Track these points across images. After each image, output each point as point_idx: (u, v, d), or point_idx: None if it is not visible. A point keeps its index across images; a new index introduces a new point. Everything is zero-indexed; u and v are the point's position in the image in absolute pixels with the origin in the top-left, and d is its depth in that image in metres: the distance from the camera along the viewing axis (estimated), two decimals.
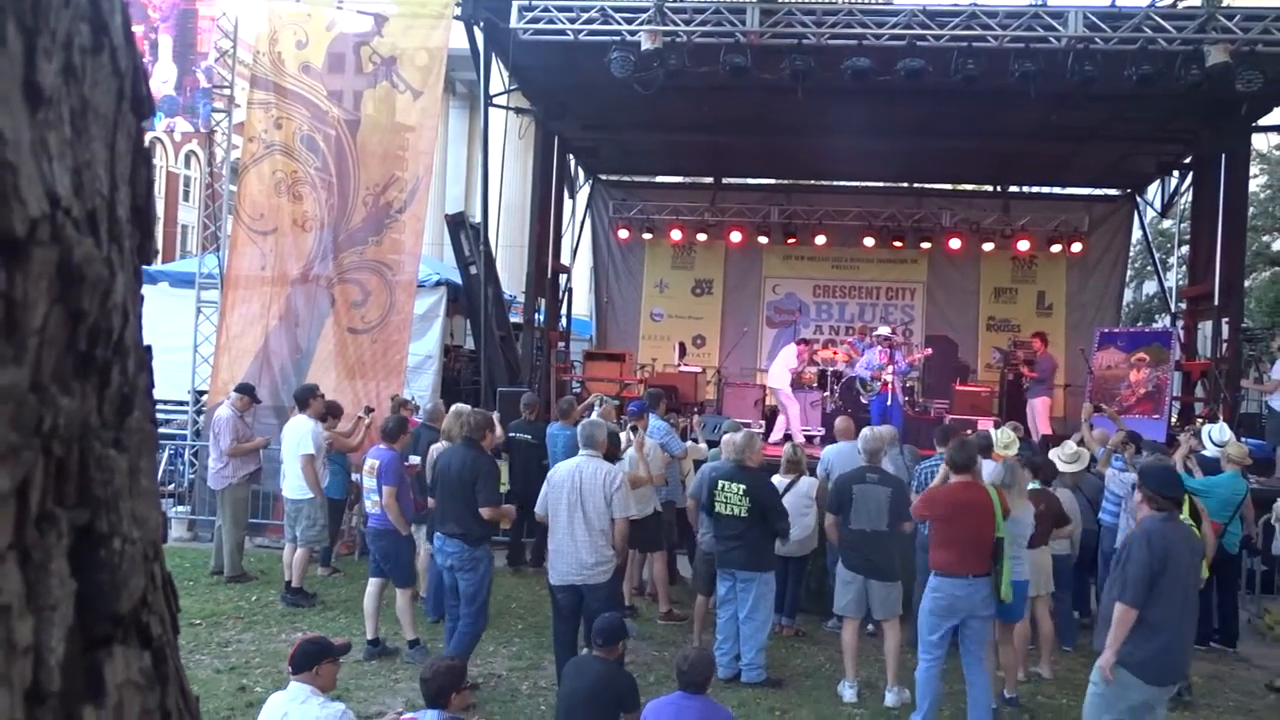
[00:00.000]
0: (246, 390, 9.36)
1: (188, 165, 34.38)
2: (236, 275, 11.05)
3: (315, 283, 10.96)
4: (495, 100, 12.77)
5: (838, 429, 8.41)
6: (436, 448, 7.74)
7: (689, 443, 9.07)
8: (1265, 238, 24.40)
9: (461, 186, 24.51)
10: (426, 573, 7.87)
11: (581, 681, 4.84)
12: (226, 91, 11.63)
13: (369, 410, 9.54)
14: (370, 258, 10.90)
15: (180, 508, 10.80)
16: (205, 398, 11.15)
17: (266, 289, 11.01)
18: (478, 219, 12.63)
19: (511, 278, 17.34)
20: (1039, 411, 12.96)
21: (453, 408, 8.17)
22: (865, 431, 7.00)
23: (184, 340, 11.24)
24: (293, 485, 8.42)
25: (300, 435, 8.41)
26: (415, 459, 7.86)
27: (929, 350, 14.53)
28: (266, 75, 11.15)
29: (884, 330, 13.82)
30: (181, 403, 11.60)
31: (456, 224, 12.78)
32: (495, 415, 7.86)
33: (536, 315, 14.43)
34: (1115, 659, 4.64)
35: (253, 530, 9.92)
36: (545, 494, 6.15)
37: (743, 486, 6.60)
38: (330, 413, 9.13)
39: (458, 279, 13.10)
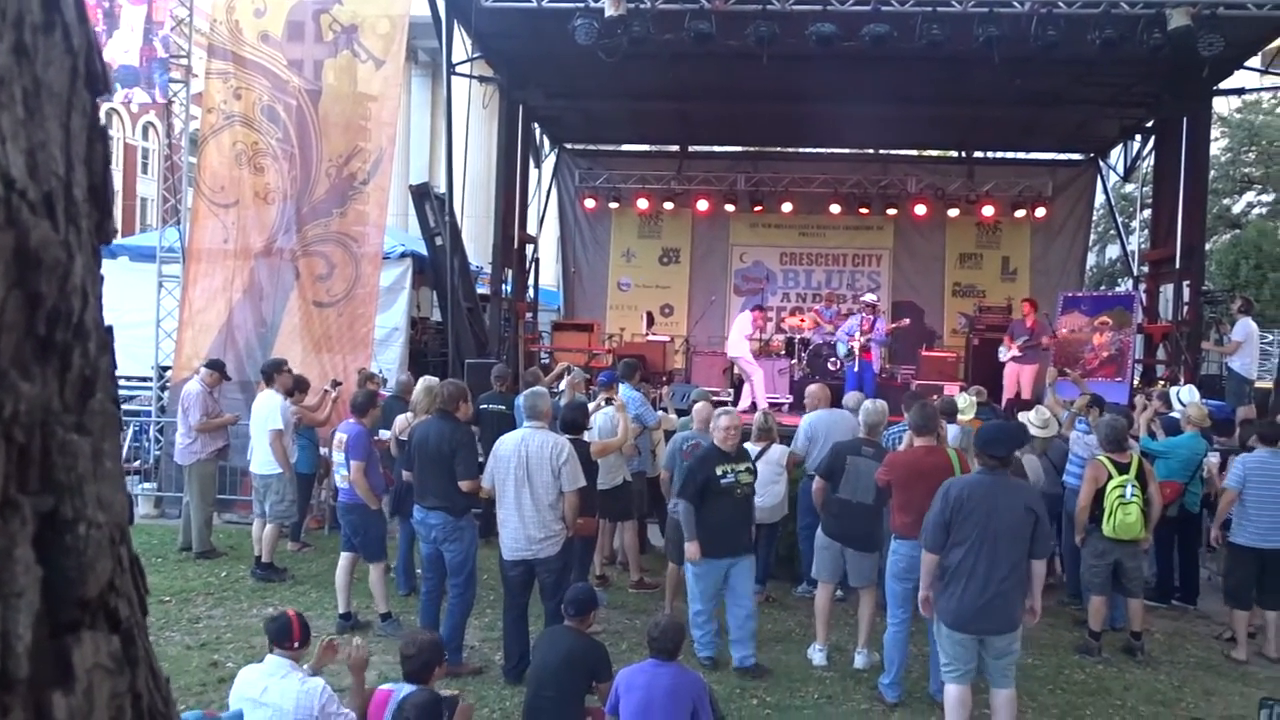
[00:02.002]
0: (216, 366, 9.27)
1: (145, 137, 33.77)
2: (198, 249, 10.90)
3: (279, 256, 10.84)
4: (458, 69, 12.60)
5: (814, 396, 8.40)
6: (401, 420, 7.72)
7: (660, 413, 9.09)
8: (1225, 201, 24.68)
9: (425, 157, 24.29)
10: (397, 547, 7.87)
11: (553, 652, 4.87)
12: (184, 61, 11.41)
13: (336, 384, 9.49)
14: (334, 230, 10.78)
15: (147, 484, 10.71)
16: (169, 373, 11.02)
17: (229, 262, 10.87)
18: (442, 189, 12.53)
19: (477, 248, 17.24)
20: (1025, 378, 12.92)
21: (421, 381, 8.14)
22: (867, 404, 7.02)
23: (146, 315, 11.09)
24: (261, 460, 8.38)
25: (268, 410, 8.36)
26: (385, 433, 7.83)
27: (906, 320, 14.57)
28: (224, 45, 10.95)
29: (870, 298, 13.85)
30: (145, 379, 11.46)
31: (421, 195, 12.66)
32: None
33: (503, 286, 14.36)
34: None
35: (221, 506, 9.87)
36: (491, 467, 6.07)
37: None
38: (297, 387, 9.08)
39: (423, 250, 13.00)
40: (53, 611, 0.58)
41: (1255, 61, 13.13)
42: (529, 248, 16.00)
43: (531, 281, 16.40)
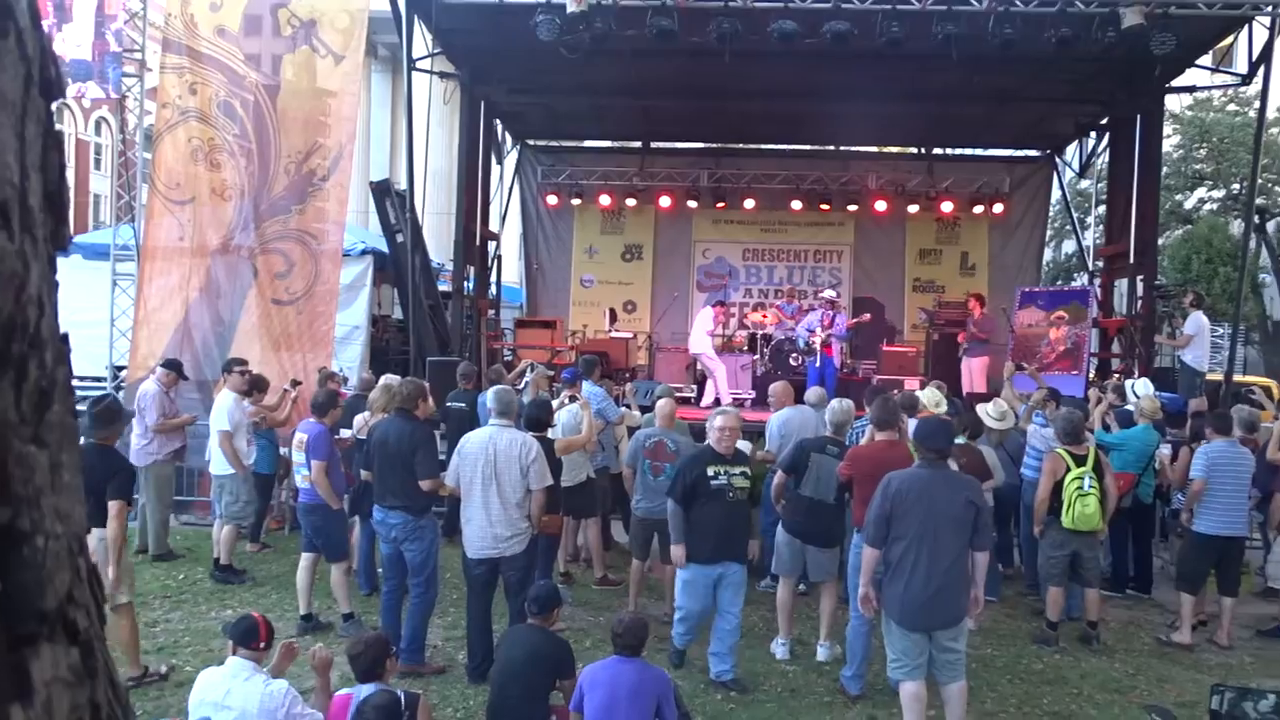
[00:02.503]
0: (174, 366, 9.14)
1: (98, 132, 33.18)
2: (153, 246, 10.74)
3: (237, 253, 10.71)
4: (419, 64, 12.53)
5: (778, 393, 8.42)
6: (360, 419, 7.67)
7: (623, 409, 9.10)
8: (1178, 196, 25.11)
9: (385, 153, 24.11)
10: (357, 547, 7.82)
11: (517, 650, 4.87)
12: (138, 56, 11.24)
13: (296, 383, 9.40)
14: (294, 227, 10.67)
15: None
16: (124, 373, 10.86)
17: (185, 260, 10.73)
18: (403, 186, 12.45)
19: (439, 245, 17.18)
20: (975, 370, 13.20)
21: (381, 380, 8.10)
22: (834, 403, 7.03)
23: (100, 314, 10.92)
24: (217, 461, 8.29)
25: (218, 410, 8.30)
26: (347, 432, 7.77)
27: (866, 316, 14.73)
28: (179, 39, 10.79)
29: (829, 294, 13.99)
30: (99, 379, 11.28)
31: (382, 191, 12.57)
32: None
33: (465, 283, 14.29)
34: (866, 592, 5.21)
35: (178, 507, 9.75)
36: (456, 465, 6.03)
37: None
38: (256, 386, 8.97)
39: (384, 248, 12.92)
40: (11, 625, 0.58)
41: (1206, 60, 13.36)
42: (491, 244, 15.93)
43: (494, 278, 16.32)
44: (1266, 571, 7.87)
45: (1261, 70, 11.88)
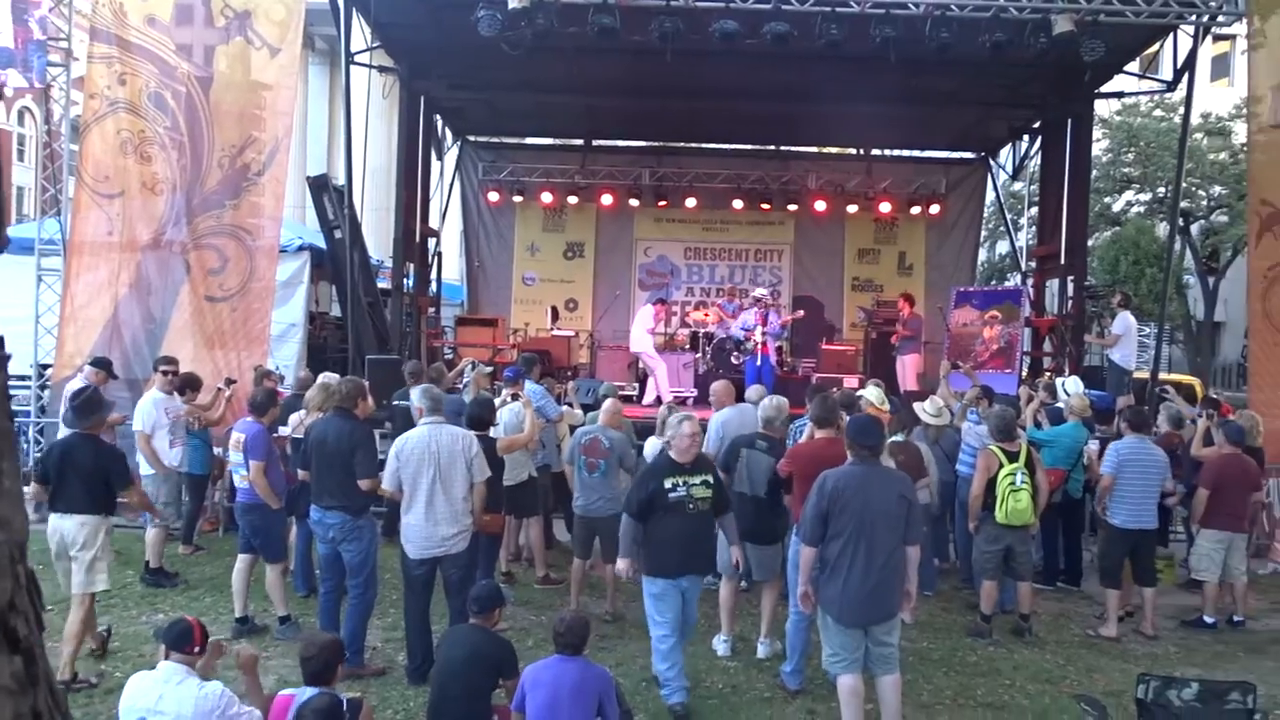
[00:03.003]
0: (103, 365, 8.91)
1: (21, 122, 32.20)
2: (81, 241, 10.46)
3: (168, 248, 10.48)
4: (357, 58, 12.37)
5: (718, 392, 8.42)
6: (295, 418, 7.57)
7: (564, 407, 9.09)
8: (1107, 199, 25.78)
9: (323, 147, 23.76)
10: (294, 547, 7.72)
11: (458, 650, 4.84)
12: (64, 44, 10.93)
13: (230, 382, 9.23)
14: (228, 222, 10.47)
15: (26, 488, 10.23)
16: (50, 372, 10.57)
17: (114, 255, 10.47)
18: (341, 181, 12.30)
19: (378, 242, 16.95)
20: (909, 368, 13.47)
21: (320, 378, 8.00)
22: (765, 401, 7.08)
23: (24, 311, 10.60)
24: (144, 461, 8.13)
25: (138, 410, 8.15)
26: (284, 430, 7.66)
27: (800, 312, 14.95)
28: (108, 27, 10.52)
29: (760, 292, 14.09)
30: (24, 377, 10.95)
31: (319, 186, 12.41)
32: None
33: (405, 280, 14.17)
34: (805, 590, 5.26)
35: None
36: (395, 468, 5.92)
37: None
38: (189, 385, 8.79)
39: (322, 244, 12.75)
40: None
41: (1134, 66, 13.73)
42: (431, 241, 15.80)
43: (434, 276, 16.19)
44: (1189, 564, 8.11)
45: (1185, 77, 12.25)
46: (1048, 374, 12.60)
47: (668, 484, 5.60)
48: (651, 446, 7.78)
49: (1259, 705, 4.43)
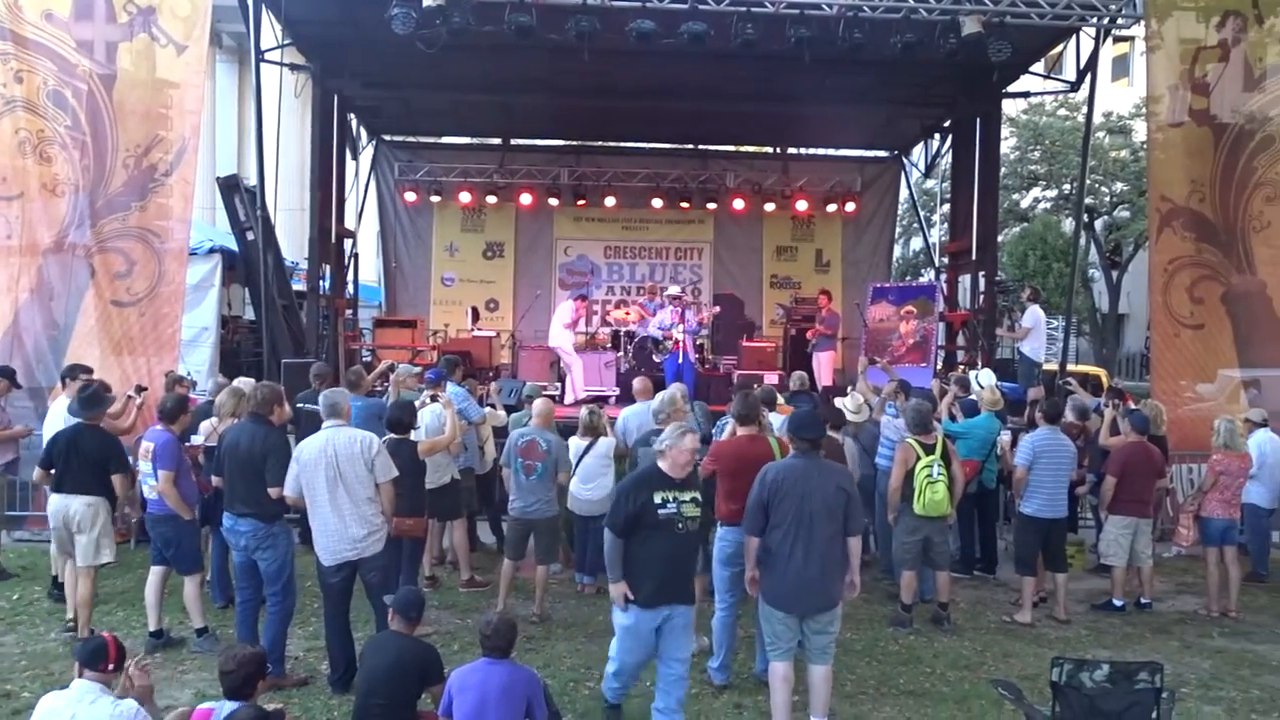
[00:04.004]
0: (4, 373, 8.56)
1: None
2: None
3: (71, 252, 10.11)
4: (267, 56, 12.11)
5: (636, 389, 8.53)
6: (207, 425, 7.39)
7: (486, 409, 9.02)
8: (1015, 196, 26.52)
9: (233, 147, 23.16)
10: (211, 557, 7.52)
11: (382, 658, 4.77)
12: None
13: (140, 389, 8.93)
14: (134, 225, 10.14)
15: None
16: None
17: (14, 260, 10.07)
18: (253, 182, 12.04)
19: (292, 243, 16.62)
20: (824, 364, 13.70)
21: (235, 382, 7.81)
22: (658, 396, 7.14)
23: None
24: None
25: (53, 418, 7.85)
26: (197, 439, 7.45)
27: (717, 308, 15.09)
28: (2, 22, 10.10)
29: (675, 290, 14.20)
30: None
31: (230, 187, 12.15)
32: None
33: (321, 282, 13.91)
34: (753, 576, 5.32)
35: (11, 523, 9.16)
36: (295, 474, 5.80)
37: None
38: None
39: (233, 246, 12.47)
40: None
41: (1039, 67, 14.16)
42: (347, 242, 15.54)
43: (351, 277, 15.93)
44: (1099, 549, 8.38)
45: (1088, 78, 12.68)
46: (961, 367, 12.91)
47: (658, 498, 5.01)
48: (575, 447, 7.78)
49: (1166, 684, 4.60)
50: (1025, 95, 17.03)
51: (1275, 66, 10.93)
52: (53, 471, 6.73)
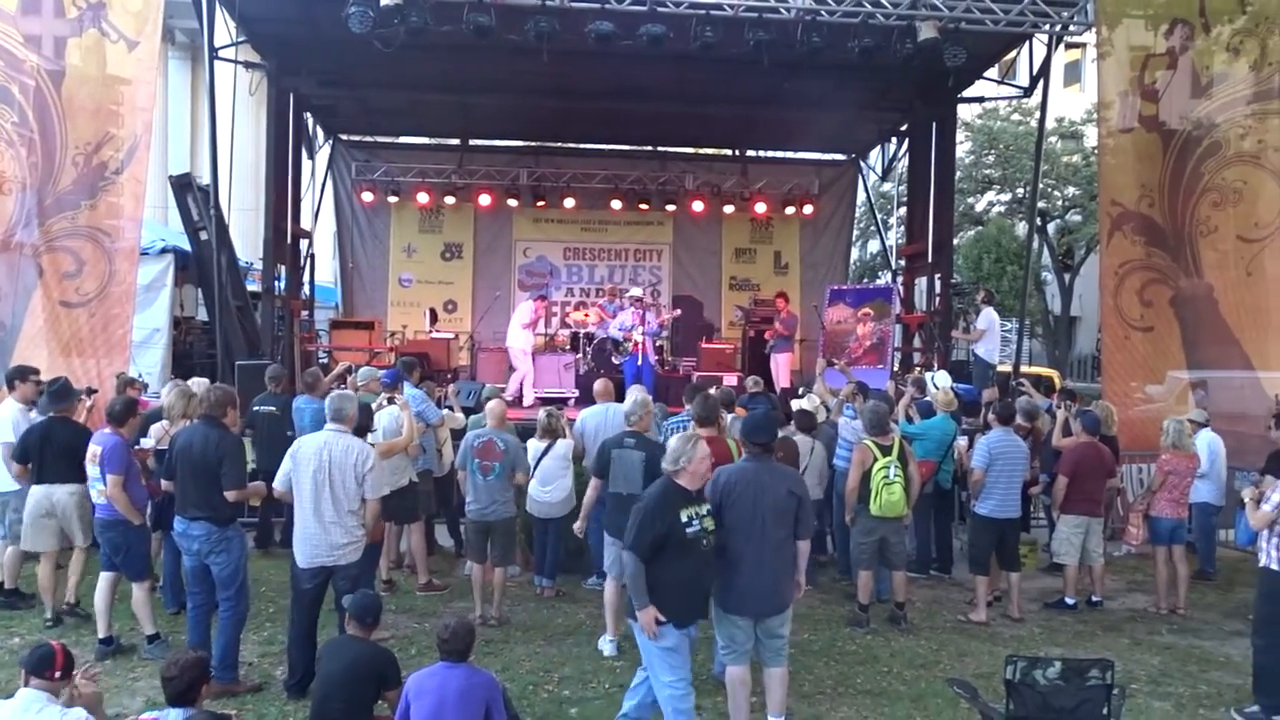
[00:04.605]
0: None
1: None
2: None
3: (18, 251, 9.89)
4: (221, 53, 11.94)
5: (596, 391, 8.51)
6: (158, 429, 7.27)
7: (445, 411, 8.96)
8: (970, 199, 26.83)
9: (186, 146, 22.79)
10: (162, 562, 7.40)
11: (338, 663, 4.72)
12: None
13: (91, 391, 8.76)
14: (84, 224, 9.95)
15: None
16: None
17: None
18: (206, 180, 11.87)
19: (247, 243, 16.44)
20: (781, 366, 13.79)
21: (192, 382, 7.70)
22: (629, 397, 7.12)
23: None
24: (2, 477, 7.64)
25: (2, 422, 7.66)
26: (147, 442, 7.32)
27: (678, 311, 15.12)
28: None
29: (636, 292, 14.21)
30: None
31: (183, 186, 11.99)
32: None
33: (276, 283, 13.75)
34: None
35: None
36: (288, 470, 5.81)
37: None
38: None
39: (186, 245, 12.29)
40: None
41: (993, 72, 14.34)
42: (303, 243, 15.37)
43: (307, 278, 15.75)
44: (1052, 548, 8.49)
45: (1041, 83, 12.88)
46: (918, 369, 13.04)
47: (684, 516, 4.80)
48: (534, 449, 7.75)
49: (1116, 680, 4.68)
50: (980, 100, 17.26)
51: (1222, 74, 11.16)
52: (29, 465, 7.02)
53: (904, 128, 16.25)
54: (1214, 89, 11.18)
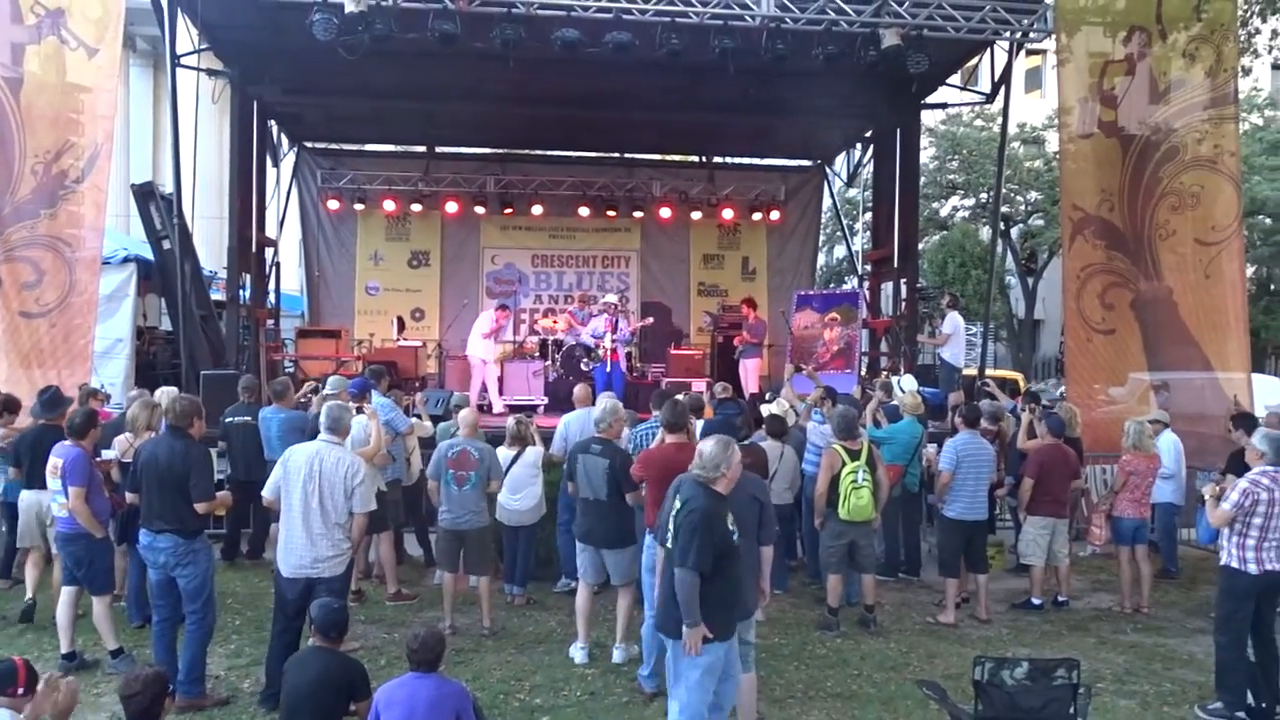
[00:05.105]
0: None
1: None
2: None
3: None
4: (183, 60, 11.82)
5: (576, 397, 8.56)
6: (122, 440, 7.18)
7: (413, 419, 8.91)
8: (934, 205, 27.08)
9: (148, 154, 22.55)
10: (126, 575, 7.30)
11: (305, 675, 4.67)
12: None
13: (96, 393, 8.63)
14: (43, 233, 9.82)
15: None
16: None
17: None
18: (169, 189, 11.74)
19: (211, 252, 16.27)
20: (750, 372, 13.84)
21: (161, 392, 7.62)
22: (598, 402, 7.14)
23: None
24: None
25: None
26: (109, 454, 7.22)
27: (650, 319, 15.09)
28: None
29: (611, 298, 14.19)
30: None
31: (145, 195, 11.86)
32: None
33: (241, 292, 13.60)
34: None
35: None
36: (277, 478, 5.77)
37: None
38: (6, 408, 8.19)
39: (149, 255, 12.15)
40: None
41: (956, 79, 14.50)
42: (268, 251, 15.23)
43: (272, 287, 15.59)
44: (1018, 550, 8.58)
45: (1002, 90, 13.03)
46: (884, 373, 13.13)
47: (730, 524, 4.72)
48: (503, 457, 7.72)
49: (1082, 679, 4.73)
50: (943, 106, 17.42)
51: (1179, 80, 11.35)
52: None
53: (869, 134, 16.37)
54: (1171, 94, 11.37)
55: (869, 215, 18.22)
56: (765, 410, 8.98)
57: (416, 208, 17.27)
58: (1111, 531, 8.49)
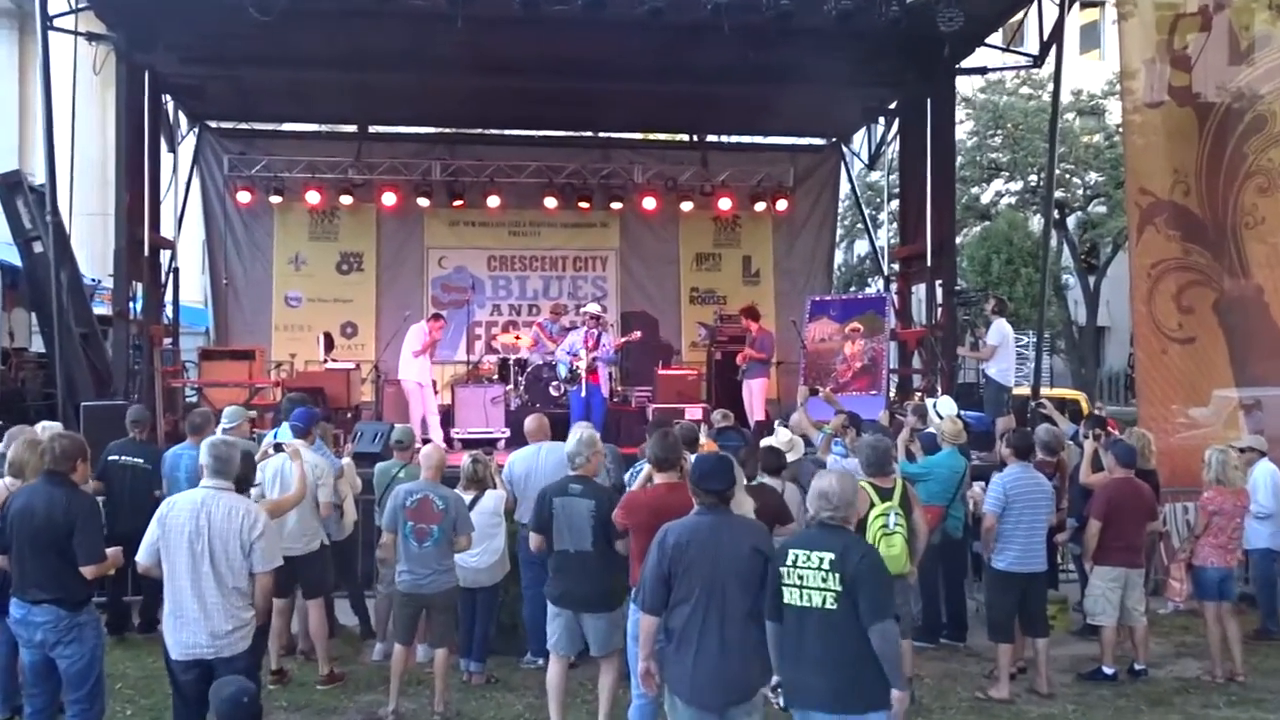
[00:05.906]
0: None
1: None
2: None
3: None
4: (57, 22, 11.81)
5: (528, 429, 8.47)
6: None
7: (344, 460, 8.85)
8: (974, 189, 27.17)
9: (14, 136, 22.45)
10: None
11: None
12: None
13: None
14: None
15: None
16: None
17: None
18: (41, 180, 11.72)
19: (93, 256, 16.22)
20: (756, 394, 13.83)
21: (40, 427, 7.55)
22: (571, 434, 7.09)
23: None
24: None
25: None
26: None
27: (638, 333, 14.95)
28: None
29: (594, 308, 14.11)
30: None
31: (11, 186, 11.88)
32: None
33: (131, 304, 13.56)
34: (647, 667, 5.22)
35: None
36: (155, 538, 5.56)
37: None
38: None
39: (16, 260, 12.13)
40: None
41: (997, 38, 14.60)
42: (164, 255, 15.19)
43: (170, 298, 15.55)
44: (1084, 607, 8.55)
45: (1053, 50, 13.13)
46: (918, 395, 13.15)
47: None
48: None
49: None
50: (982, 71, 17.55)
51: (1264, 36, 11.39)
52: None
53: (893, 105, 16.48)
54: (1256, 54, 11.42)
55: (895, 204, 18.30)
56: (765, 442, 8.94)
57: (346, 200, 17.23)
58: (1193, 584, 8.49)
